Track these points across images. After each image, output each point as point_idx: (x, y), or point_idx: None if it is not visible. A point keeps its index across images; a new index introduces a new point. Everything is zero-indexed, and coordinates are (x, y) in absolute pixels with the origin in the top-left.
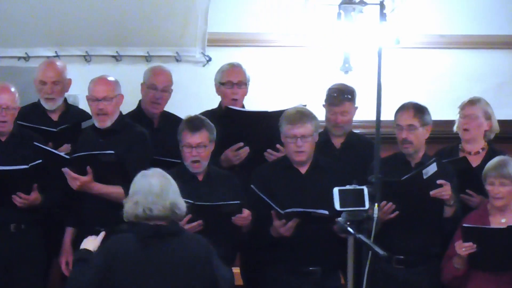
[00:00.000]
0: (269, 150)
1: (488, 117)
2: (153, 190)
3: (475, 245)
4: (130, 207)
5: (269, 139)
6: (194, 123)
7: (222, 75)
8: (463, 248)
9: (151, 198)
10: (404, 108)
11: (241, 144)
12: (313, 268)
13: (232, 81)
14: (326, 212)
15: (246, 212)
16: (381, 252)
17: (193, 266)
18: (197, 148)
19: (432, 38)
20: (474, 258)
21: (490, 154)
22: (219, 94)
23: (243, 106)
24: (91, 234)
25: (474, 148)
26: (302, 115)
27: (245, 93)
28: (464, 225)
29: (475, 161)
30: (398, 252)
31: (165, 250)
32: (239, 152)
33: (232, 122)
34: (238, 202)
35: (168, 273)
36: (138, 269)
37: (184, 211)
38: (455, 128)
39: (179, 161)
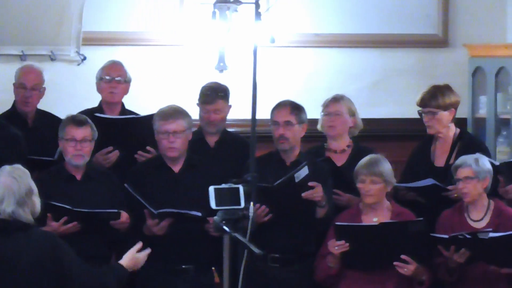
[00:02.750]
0: (140, 152)
1: (352, 113)
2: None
3: (347, 244)
4: None
5: (139, 143)
6: (79, 118)
7: (101, 71)
8: (336, 246)
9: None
10: (281, 105)
11: (110, 148)
12: (186, 266)
13: (111, 75)
14: (199, 214)
15: (124, 217)
16: (256, 250)
17: (40, 262)
18: (82, 143)
19: (307, 37)
20: (347, 257)
21: (355, 152)
22: (99, 92)
23: (122, 104)
24: None
25: (339, 146)
26: (175, 111)
27: (124, 91)
28: (337, 223)
29: (341, 160)
30: (273, 250)
31: (11, 246)
32: (108, 156)
33: (101, 128)
34: (116, 210)
35: (15, 270)
36: None
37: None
38: (319, 127)
39: (53, 159)
